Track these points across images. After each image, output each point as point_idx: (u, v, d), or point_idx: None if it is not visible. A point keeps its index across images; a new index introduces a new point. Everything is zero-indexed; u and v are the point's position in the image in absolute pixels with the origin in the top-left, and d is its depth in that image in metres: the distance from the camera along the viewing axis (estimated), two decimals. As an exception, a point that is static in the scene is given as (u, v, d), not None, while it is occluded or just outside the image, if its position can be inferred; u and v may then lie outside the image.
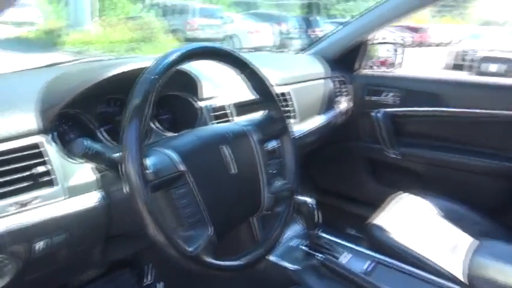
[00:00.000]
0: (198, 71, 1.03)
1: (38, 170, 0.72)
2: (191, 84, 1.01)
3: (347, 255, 1.09)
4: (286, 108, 1.34)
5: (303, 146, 1.40)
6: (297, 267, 1.07)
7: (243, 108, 1.12)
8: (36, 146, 0.74)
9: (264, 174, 0.83)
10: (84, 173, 0.78)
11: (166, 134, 0.98)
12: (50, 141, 0.76)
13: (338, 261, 1.04)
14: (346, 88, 1.72)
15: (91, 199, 0.78)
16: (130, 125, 0.63)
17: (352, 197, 1.84)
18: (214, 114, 1.04)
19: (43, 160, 0.73)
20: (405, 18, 1.65)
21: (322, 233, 1.12)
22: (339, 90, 1.68)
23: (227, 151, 0.77)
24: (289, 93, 1.37)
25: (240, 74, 0.83)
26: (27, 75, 1.02)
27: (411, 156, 1.67)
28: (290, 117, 1.35)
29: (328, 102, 1.64)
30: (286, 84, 1.38)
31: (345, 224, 1.73)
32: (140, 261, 1.27)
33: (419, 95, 1.65)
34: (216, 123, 1.01)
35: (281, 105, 0.91)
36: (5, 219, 0.68)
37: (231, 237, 0.84)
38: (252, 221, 1.07)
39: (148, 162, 0.66)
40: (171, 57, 0.68)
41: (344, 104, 1.70)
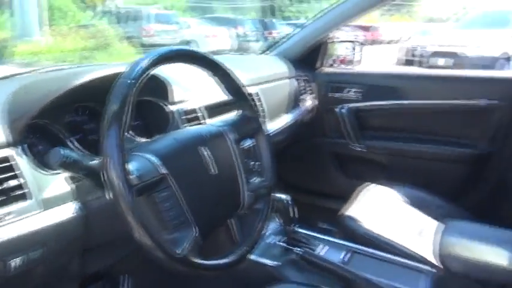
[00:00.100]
0: (166, 75, 1.02)
1: (9, 184, 0.69)
2: (161, 89, 1.01)
3: (324, 247, 1.12)
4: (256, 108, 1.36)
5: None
6: (277, 263, 1.09)
7: (213, 110, 1.13)
8: (7, 159, 0.71)
9: (242, 173, 0.85)
10: (59, 184, 0.76)
11: (138, 140, 0.97)
12: (20, 153, 0.73)
13: (316, 254, 1.07)
14: (310, 86, 1.77)
15: (67, 211, 0.76)
16: (110, 131, 0.62)
17: (322, 191, 1.89)
18: (186, 117, 1.04)
19: (14, 174, 0.71)
20: (359, 18, 1.73)
21: (298, 228, 1.15)
22: (304, 89, 1.73)
23: (206, 152, 0.78)
24: (257, 94, 1.39)
25: (213, 76, 0.84)
26: None
27: (375, 148, 1.74)
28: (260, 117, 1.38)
29: (294, 101, 1.68)
30: (254, 85, 1.40)
31: (317, 218, 1.78)
32: (115, 273, 1.24)
33: (379, 90, 1.73)
34: (188, 126, 1.02)
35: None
36: None
37: (210, 239, 0.84)
38: (230, 222, 1.08)
39: (130, 167, 0.65)
40: (147, 61, 0.68)
41: (309, 101, 1.75)
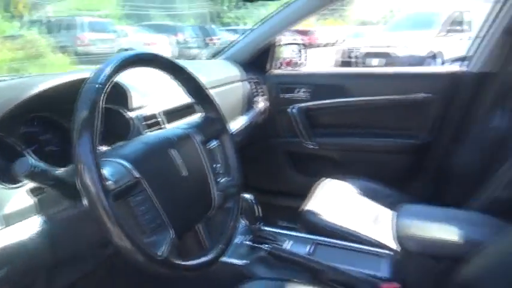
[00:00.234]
0: (124, 81, 1.01)
1: None
2: (119, 95, 0.99)
3: (289, 242, 1.16)
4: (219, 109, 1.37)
5: None
6: (246, 261, 1.11)
7: (172, 114, 1.13)
8: None
9: (211, 173, 0.86)
10: (20, 198, 0.72)
11: (100, 148, 0.94)
12: None
13: (284, 248, 1.10)
14: (261, 88, 1.81)
15: (31, 225, 0.72)
16: (82, 138, 0.61)
17: (279, 190, 1.94)
18: (146, 123, 1.03)
19: None
20: (302, 22, 1.81)
21: (263, 227, 1.18)
22: (256, 91, 1.77)
23: (175, 154, 0.78)
24: None
25: (176, 79, 0.85)
26: None
27: (327, 145, 1.83)
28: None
29: (248, 103, 1.71)
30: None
31: (276, 217, 1.82)
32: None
33: (326, 89, 1.82)
34: (149, 132, 1.01)
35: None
36: None
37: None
38: (197, 228, 1.08)
39: (105, 173, 0.64)
40: (111, 66, 0.67)
41: (261, 103, 1.79)
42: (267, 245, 1.12)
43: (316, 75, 1.90)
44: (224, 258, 1.13)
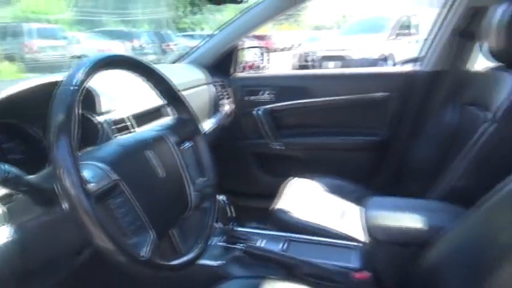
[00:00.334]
0: (91, 85, 0.99)
1: None
2: (87, 100, 0.97)
3: (262, 241, 1.18)
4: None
5: None
6: (221, 262, 1.11)
7: (142, 118, 1.12)
8: None
9: (186, 174, 0.86)
10: (-13, 208, 0.69)
11: None
12: None
13: (259, 246, 1.12)
14: (226, 91, 1.83)
15: (0, 235, 0.69)
16: (59, 142, 0.59)
17: (248, 192, 1.95)
18: (116, 127, 1.01)
19: None
20: (263, 26, 1.85)
21: (236, 227, 1.19)
22: (221, 94, 1.78)
23: (152, 156, 0.78)
24: None
25: (148, 81, 0.85)
26: None
27: (293, 145, 1.87)
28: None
29: (214, 106, 1.72)
30: None
31: (246, 218, 1.83)
32: None
33: (289, 90, 1.87)
34: (119, 136, 0.99)
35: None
36: None
37: None
38: (171, 232, 1.08)
39: (84, 175, 0.63)
40: (84, 68, 0.66)
41: (227, 106, 1.81)
42: (241, 245, 1.13)
43: (279, 78, 1.94)
44: (200, 261, 1.14)
